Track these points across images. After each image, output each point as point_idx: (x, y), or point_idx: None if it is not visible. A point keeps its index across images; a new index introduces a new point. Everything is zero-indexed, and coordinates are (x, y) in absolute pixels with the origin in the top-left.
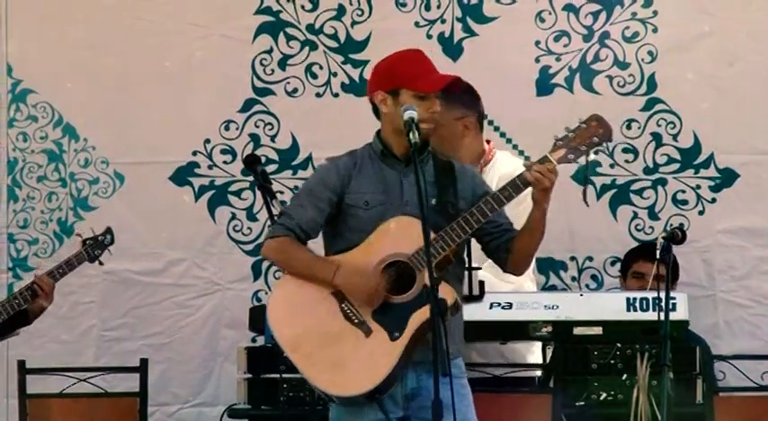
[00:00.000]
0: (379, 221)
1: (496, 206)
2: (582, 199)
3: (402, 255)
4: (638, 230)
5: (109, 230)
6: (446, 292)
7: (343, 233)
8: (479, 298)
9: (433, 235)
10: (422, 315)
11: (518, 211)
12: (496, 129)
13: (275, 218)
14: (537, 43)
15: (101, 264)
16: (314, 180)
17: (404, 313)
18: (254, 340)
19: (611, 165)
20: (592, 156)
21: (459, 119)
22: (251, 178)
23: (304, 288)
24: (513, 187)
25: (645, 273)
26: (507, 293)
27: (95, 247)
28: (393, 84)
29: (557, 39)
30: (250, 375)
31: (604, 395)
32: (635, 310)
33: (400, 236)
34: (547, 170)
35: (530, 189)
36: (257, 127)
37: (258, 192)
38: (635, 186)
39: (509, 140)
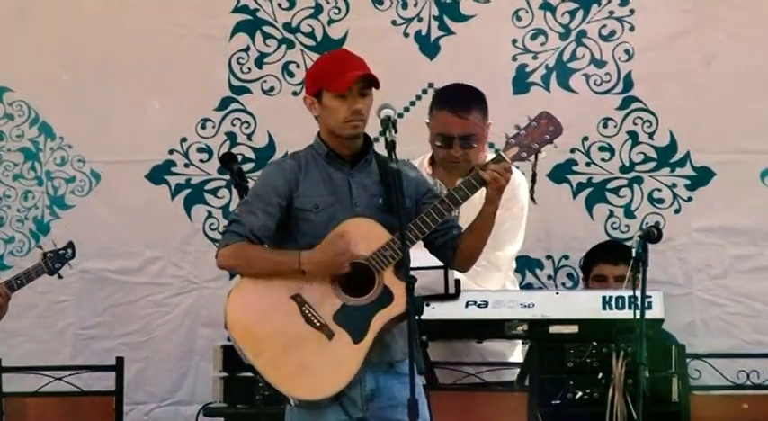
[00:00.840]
0: (330, 224)
1: (453, 206)
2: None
3: (360, 257)
4: (614, 229)
5: (71, 244)
6: (400, 296)
7: (294, 237)
8: (455, 296)
9: (389, 236)
10: (384, 317)
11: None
12: None
13: (226, 225)
14: (514, 42)
15: (60, 277)
16: (261, 185)
17: (365, 315)
18: (230, 339)
19: (588, 164)
20: (543, 154)
21: (489, 125)
22: (227, 177)
23: (262, 292)
24: (469, 186)
25: (607, 276)
26: (483, 291)
27: (55, 260)
28: (315, 87)
29: (533, 37)
30: (226, 374)
31: (580, 393)
32: (611, 309)
33: (356, 237)
34: (503, 169)
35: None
36: (234, 125)
37: (235, 191)
38: (611, 184)
39: None
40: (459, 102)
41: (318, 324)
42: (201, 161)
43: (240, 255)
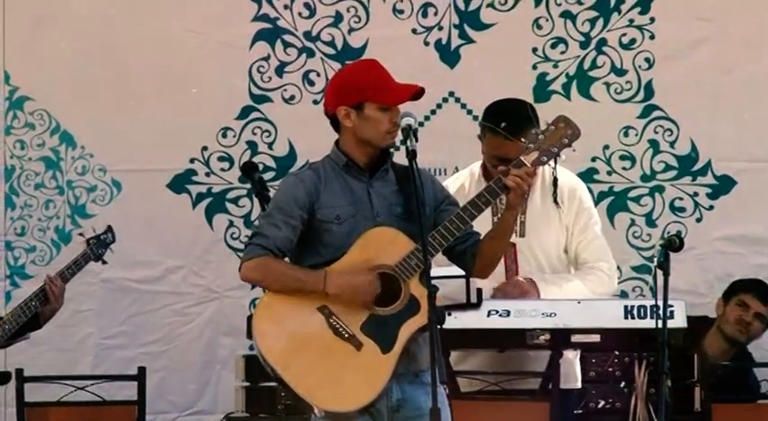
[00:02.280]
0: (351, 235)
1: (476, 213)
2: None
3: (385, 267)
4: (636, 238)
5: (109, 228)
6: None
7: (317, 249)
8: (477, 305)
9: (413, 245)
10: (411, 326)
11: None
12: None
13: (249, 238)
14: (534, 50)
15: (104, 262)
16: (282, 197)
17: (393, 325)
18: (252, 348)
19: (609, 173)
20: (563, 158)
21: None
22: (248, 185)
23: (288, 305)
24: (491, 193)
25: (750, 307)
26: (505, 300)
27: (99, 246)
28: (357, 98)
29: (554, 45)
30: (248, 383)
31: (602, 403)
32: (633, 318)
33: (380, 247)
34: (525, 174)
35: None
36: (254, 134)
37: (255, 200)
38: (632, 193)
39: None
40: (513, 125)
41: (347, 335)
42: (222, 170)
43: (264, 269)
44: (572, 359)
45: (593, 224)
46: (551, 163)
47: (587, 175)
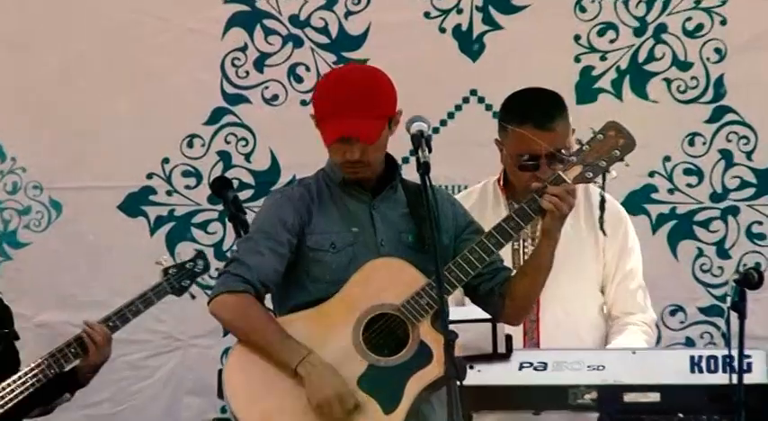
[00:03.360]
0: (349, 267)
1: (503, 240)
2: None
3: (389, 307)
4: (704, 271)
5: (200, 255)
6: (442, 355)
7: (304, 284)
8: (506, 356)
9: (424, 280)
10: (421, 380)
11: None
12: None
13: (225, 265)
14: (577, 38)
15: (192, 297)
16: (266, 218)
17: (398, 379)
18: (223, 410)
19: (670, 191)
20: (613, 174)
21: (573, 132)
22: (220, 207)
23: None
24: (523, 216)
25: None
26: (541, 351)
27: (182, 276)
28: (316, 117)
29: (601, 32)
30: None
31: None
32: (701, 371)
33: (384, 282)
34: (565, 193)
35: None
36: (228, 143)
37: (229, 225)
38: (699, 216)
39: None
40: (542, 112)
41: None
42: (188, 187)
43: (242, 313)
44: None
45: (638, 268)
46: (598, 180)
47: (643, 194)
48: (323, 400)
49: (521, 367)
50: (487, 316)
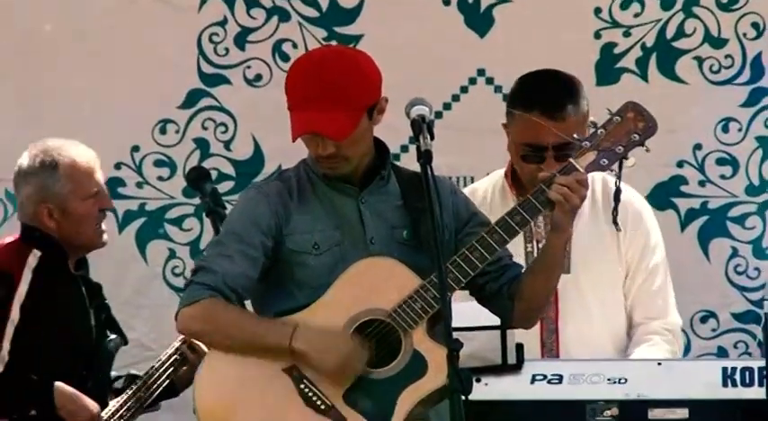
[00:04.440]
0: (336, 269)
1: (507, 236)
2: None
3: (379, 312)
4: (739, 273)
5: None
6: (437, 366)
7: (289, 290)
8: (517, 367)
9: (419, 281)
10: (415, 394)
11: None
12: None
13: (191, 275)
14: (597, 12)
15: None
16: (238, 218)
17: (389, 392)
18: None
19: (701, 183)
20: (631, 161)
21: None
22: (196, 201)
23: (244, 365)
24: (529, 209)
25: None
26: (554, 362)
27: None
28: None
29: (625, 5)
30: None
31: None
32: (734, 385)
33: (374, 285)
34: (575, 183)
35: None
36: (205, 129)
37: (207, 220)
38: (734, 212)
39: None
40: (551, 98)
41: (323, 406)
42: (160, 179)
43: (210, 318)
44: None
45: (662, 266)
46: (614, 167)
47: (671, 187)
48: (337, 364)
49: (533, 380)
50: (496, 322)
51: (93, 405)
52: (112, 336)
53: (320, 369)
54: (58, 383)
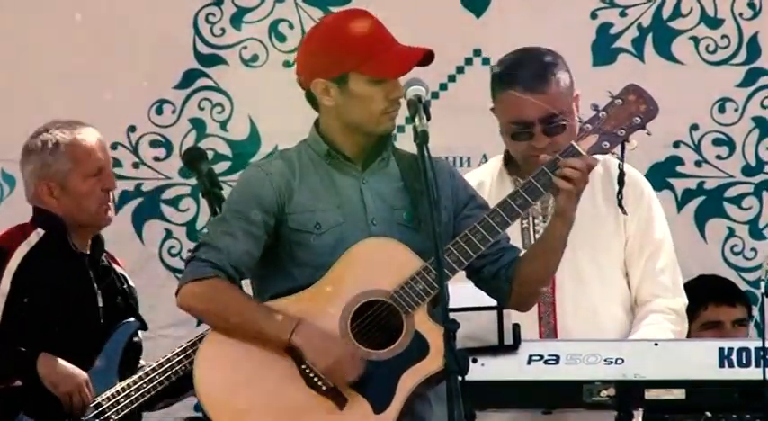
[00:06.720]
0: (337, 250)
1: (509, 219)
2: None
3: (380, 293)
4: (736, 254)
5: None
6: (438, 347)
7: (289, 270)
8: (514, 348)
9: (421, 263)
10: (415, 375)
11: None
12: None
13: (193, 251)
14: None
15: None
16: (240, 196)
17: (389, 374)
18: (198, 408)
19: (698, 163)
20: (633, 144)
21: (577, 97)
22: (193, 181)
23: (246, 345)
24: (531, 191)
25: (723, 322)
26: (553, 341)
27: None
28: (339, 68)
29: None
30: None
31: None
32: (731, 366)
33: (375, 266)
34: (578, 166)
35: None
36: (201, 109)
37: (203, 201)
38: (731, 192)
39: None
40: (531, 72)
41: (325, 387)
42: (156, 159)
43: (212, 297)
44: None
45: (666, 243)
46: (616, 150)
47: (667, 167)
48: (332, 364)
49: (530, 360)
50: (492, 303)
51: (78, 375)
52: (129, 320)
53: (315, 364)
54: (43, 354)
